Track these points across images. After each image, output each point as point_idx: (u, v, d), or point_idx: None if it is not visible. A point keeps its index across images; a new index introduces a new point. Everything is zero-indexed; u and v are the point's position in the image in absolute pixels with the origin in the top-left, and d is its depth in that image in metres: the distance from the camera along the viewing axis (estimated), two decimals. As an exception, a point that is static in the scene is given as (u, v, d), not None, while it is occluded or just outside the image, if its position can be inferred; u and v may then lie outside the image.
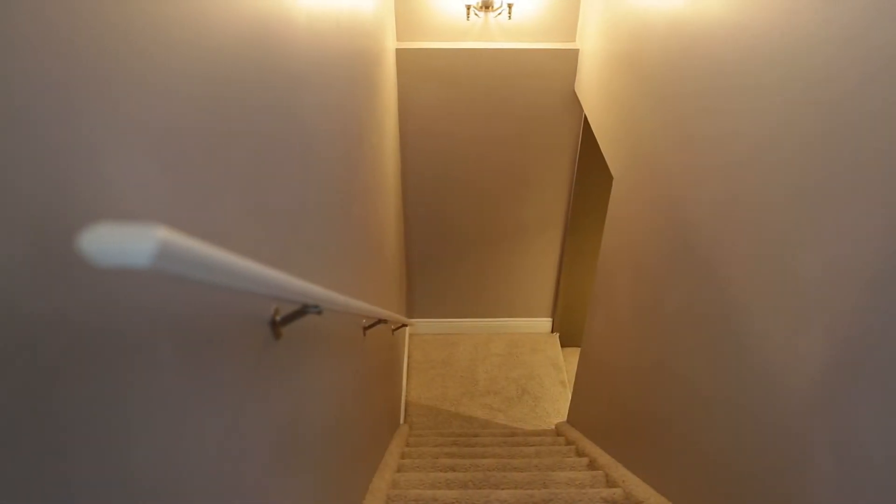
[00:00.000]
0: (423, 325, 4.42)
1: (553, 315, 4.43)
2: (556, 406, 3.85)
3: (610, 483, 2.19)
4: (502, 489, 2.17)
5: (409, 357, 4.24)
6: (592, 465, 2.46)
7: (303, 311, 0.80)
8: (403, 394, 3.85)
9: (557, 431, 3.35)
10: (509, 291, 4.32)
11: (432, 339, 4.40)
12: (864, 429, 0.89)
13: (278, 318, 0.82)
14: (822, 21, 0.99)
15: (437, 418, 3.76)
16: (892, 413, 0.83)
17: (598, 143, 2.63)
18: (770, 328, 1.15)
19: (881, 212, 0.85)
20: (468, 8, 2.91)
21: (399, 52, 3.05)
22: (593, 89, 2.80)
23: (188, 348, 0.57)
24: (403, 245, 3.93)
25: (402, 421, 3.69)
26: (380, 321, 1.81)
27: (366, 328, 1.78)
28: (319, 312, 0.81)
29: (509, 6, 2.90)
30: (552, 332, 4.48)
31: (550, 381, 4.07)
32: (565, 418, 3.45)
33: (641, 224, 2.03)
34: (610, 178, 2.41)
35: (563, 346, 4.39)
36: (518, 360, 4.24)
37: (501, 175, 3.68)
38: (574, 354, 3.81)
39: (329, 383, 1.32)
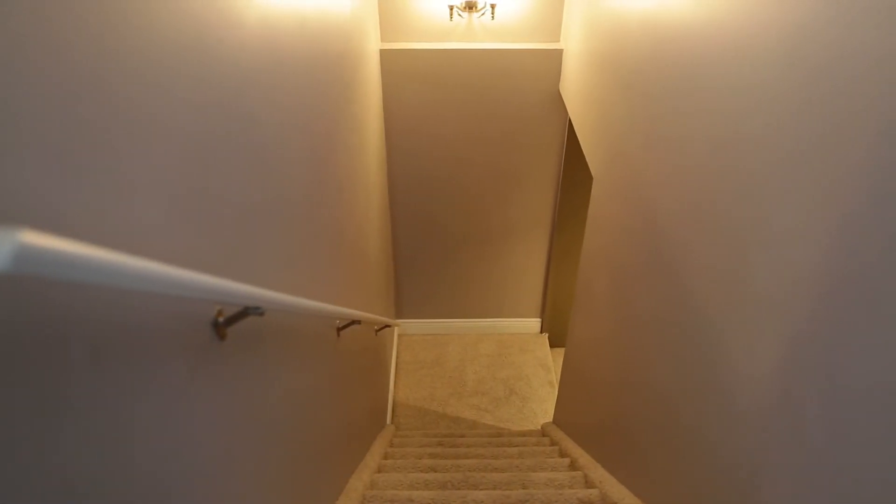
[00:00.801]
0: (412, 326, 4.42)
1: (542, 315, 4.43)
2: (543, 407, 3.85)
3: (588, 484, 2.19)
4: (480, 490, 2.17)
5: (397, 358, 4.24)
6: (573, 466, 2.46)
7: (244, 312, 0.80)
8: (391, 394, 3.85)
9: (543, 432, 3.35)
10: (498, 292, 4.32)
11: (421, 340, 4.40)
12: (811, 430, 0.89)
13: (221, 319, 0.82)
14: (770, 22, 0.99)
15: (425, 419, 3.77)
16: (836, 413, 0.84)
17: (580, 142, 2.63)
18: (728, 331, 1.15)
19: (824, 213, 0.85)
20: (451, 8, 2.92)
21: (383, 52, 3.05)
22: (576, 89, 2.80)
23: (108, 349, 0.57)
24: (391, 246, 3.93)
25: (388, 422, 3.69)
26: (353, 322, 1.81)
27: (339, 329, 1.78)
28: (261, 314, 0.81)
29: (492, 6, 2.90)
30: (541, 332, 4.48)
31: (539, 382, 4.07)
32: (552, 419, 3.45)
33: (618, 226, 2.03)
34: (592, 178, 2.41)
35: (552, 346, 4.40)
36: (507, 360, 4.24)
37: (488, 175, 3.68)
38: (563, 355, 3.81)
39: (295, 383, 1.31)
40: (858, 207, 0.78)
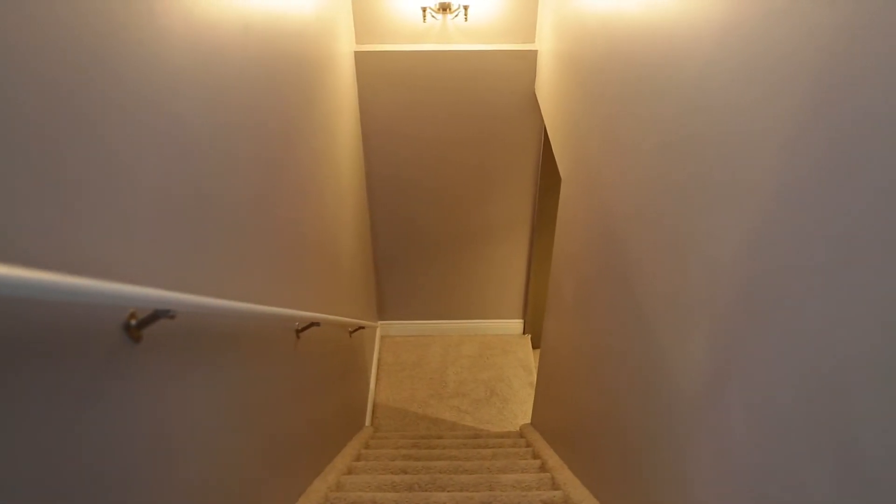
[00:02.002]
0: (394, 328, 4.42)
1: (524, 317, 4.43)
2: (523, 408, 3.85)
3: (555, 486, 2.19)
4: (446, 491, 2.17)
5: (379, 359, 4.23)
6: (543, 468, 2.46)
7: (154, 315, 0.80)
8: (371, 396, 3.85)
9: (520, 433, 3.35)
10: (481, 293, 4.32)
11: (403, 342, 4.40)
12: (733, 430, 0.90)
13: (134, 322, 0.81)
14: (702, 24, 0.99)
15: (405, 420, 3.76)
16: (754, 406, 0.84)
17: (551, 144, 2.64)
18: (666, 331, 1.16)
19: (740, 216, 0.85)
20: (424, 10, 2.92)
21: (358, 55, 3.05)
22: (547, 90, 2.81)
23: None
24: (370, 247, 3.93)
25: (368, 423, 3.69)
26: (312, 324, 1.81)
27: (299, 331, 1.77)
28: (172, 317, 0.81)
29: (465, 8, 2.90)
30: (524, 333, 4.49)
31: (520, 383, 4.07)
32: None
33: (582, 229, 2.03)
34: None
35: (534, 347, 4.40)
36: (488, 361, 4.24)
37: (468, 176, 3.68)
38: (542, 356, 3.81)
39: (242, 385, 1.31)
40: (769, 207, 0.78)
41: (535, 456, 2.71)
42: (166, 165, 0.92)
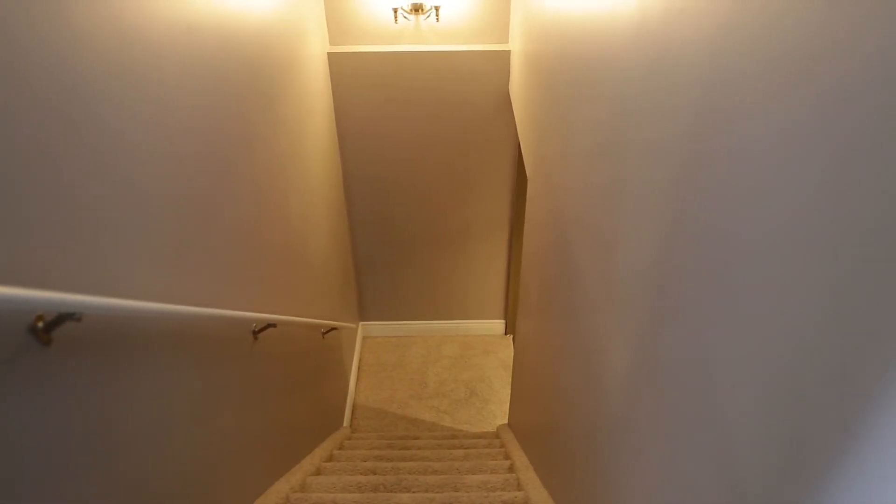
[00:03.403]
0: (375, 328, 4.42)
1: (506, 317, 4.43)
2: (503, 408, 3.86)
3: (519, 487, 2.19)
4: (410, 492, 2.17)
5: (360, 360, 4.23)
6: (512, 469, 2.46)
7: (60, 318, 0.80)
8: (350, 397, 3.85)
9: (496, 434, 3.35)
10: (462, 293, 4.32)
11: (384, 342, 4.40)
12: (645, 439, 0.90)
13: (41, 324, 0.81)
14: (626, 17, 0.99)
15: (384, 421, 3.76)
16: (656, 419, 0.84)
17: (521, 144, 2.64)
18: (601, 339, 1.16)
19: (654, 217, 0.86)
20: (395, 11, 2.92)
21: (331, 56, 3.05)
22: (517, 90, 2.81)
23: None
24: (349, 249, 3.93)
25: (346, 424, 3.68)
26: (269, 325, 1.81)
27: (256, 332, 1.77)
28: (78, 320, 0.81)
29: (436, 9, 2.90)
30: (506, 334, 4.49)
31: (500, 384, 4.07)
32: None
33: (543, 229, 2.04)
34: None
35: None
36: (469, 362, 4.24)
37: (446, 176, 3.68)
38: (521, 356, 3.80)
39: (185, 387, 1.31)
40: (670, 212, 0.78)
41: (507, 457, 2.72)
42: (81, 163, 0.91)
